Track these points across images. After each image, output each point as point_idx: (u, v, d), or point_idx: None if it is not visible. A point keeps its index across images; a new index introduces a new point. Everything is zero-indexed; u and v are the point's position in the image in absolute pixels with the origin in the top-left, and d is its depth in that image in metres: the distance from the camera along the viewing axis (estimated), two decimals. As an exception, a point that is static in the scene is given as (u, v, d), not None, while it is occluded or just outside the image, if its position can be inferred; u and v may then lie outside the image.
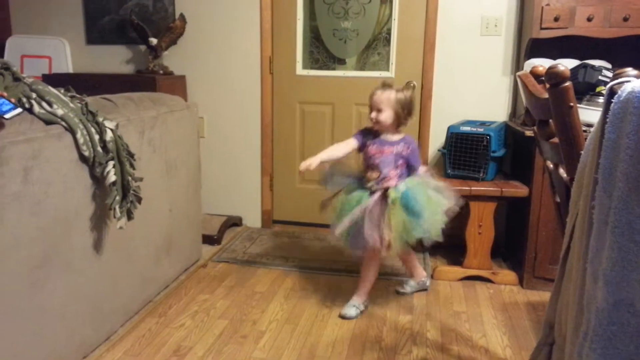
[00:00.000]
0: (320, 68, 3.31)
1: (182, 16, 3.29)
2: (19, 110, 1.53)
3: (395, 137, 2.23)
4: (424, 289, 2.53)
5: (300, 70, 3.31)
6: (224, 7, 3.28)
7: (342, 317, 2.26)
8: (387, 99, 2.15)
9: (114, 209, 1.83)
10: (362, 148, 2.27)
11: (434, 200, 2.19)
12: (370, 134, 2.27)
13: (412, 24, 3.11)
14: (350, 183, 2.28)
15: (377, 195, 2.17)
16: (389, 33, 3.17)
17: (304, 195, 3.38)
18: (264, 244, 3.17)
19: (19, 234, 1.54)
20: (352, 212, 2.14)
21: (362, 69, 3.26)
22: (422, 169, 2.29)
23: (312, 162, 2.18)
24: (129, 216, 1.91)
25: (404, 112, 2.17)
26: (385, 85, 2.20)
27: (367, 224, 2.10)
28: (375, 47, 3.22)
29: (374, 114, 2.18)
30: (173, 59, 3.38)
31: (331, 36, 3.25)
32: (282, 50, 3.30)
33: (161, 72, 3.28)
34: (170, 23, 3.29)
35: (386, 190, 2.17)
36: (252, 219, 3.51)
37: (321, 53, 3.29)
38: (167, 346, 2.03)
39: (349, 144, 2.27)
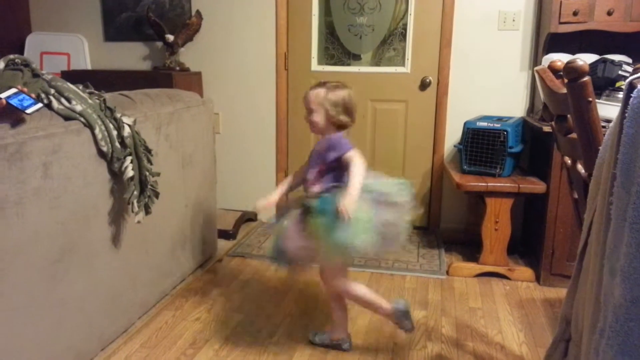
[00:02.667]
0: (335, 64, 3.30)
1: (198, 13, 3.31)
2: (40, 105, 1.55)
3: (324, 138, 1.92)
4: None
5: (315, 66, 3.31)
6: (239, 3, 3.30)
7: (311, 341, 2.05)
8: (316, 99, 1.87)
9: (132, 203, 1.85)
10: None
11: (364, 207, 1.79)
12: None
13: (428, 19, 3.09)
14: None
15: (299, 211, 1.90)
16: (404, 28, 3.15)
17: (319, 191, 3.39)
18: (279, 239, 3.18)
19: (39, 228, 1.57)
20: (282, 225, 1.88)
21: (377, 64, 3.25)
22: (353, 152, 1.85)
23: (270, 199, 1.96)
24: (147, 211, 1.93)
25: (336, 111, 1.86)
26: (320, 84, 1.92)
27: (289, 235, 1.84)
28: (390, 42, 3.20)
29: (306, 115, 1.92)
30: (189, 56, 3.41)
31: (346, 32, 3.25)
32: (297, 46, 3.31)
33: (177, 68, 3.31)
34: (187, 20, 3.31)
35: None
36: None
37: (336, 49, 3.29)
38: (183, 339, 2.06)
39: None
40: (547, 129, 2.40)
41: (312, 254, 1.85)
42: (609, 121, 1.13)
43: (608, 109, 2.16)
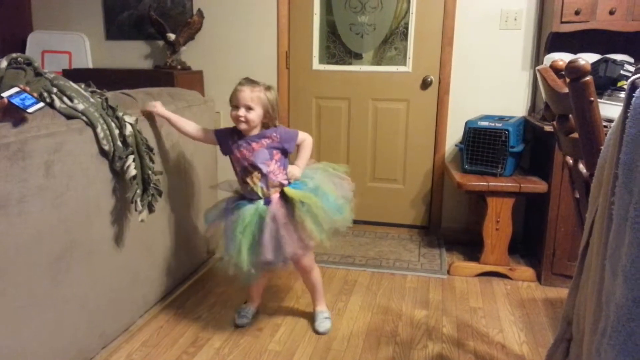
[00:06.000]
0: (336, 63, 3.30)
1: (199, 11, 3.31)
2: (42, 104, 1.55)
3: (258, 131, 1.98)
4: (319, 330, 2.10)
5: (316, 65, 3.31)
6: (241, 2, 3.30)
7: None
8: (258, 97, 1.91)
9: (136, 202, 1.85)
10: (224, 150, 2.05)
11: (328, 178, 2.04)
12: (230, 135, 2.02)
13: (429, 18, 3.08)
14: (233, 204, 2.02)
15: (275, 199, 1.96)
16: (406, 27, 3.15)
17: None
18: (280, 238, 3.18)
19: (41, 226, 1.57)
20: (254, 229, 1.90)
21: (378, 63, 3.25)
22: (303, 135, 2.04)
23: (159, 109, 2.07)
24: (151, 209, 1.93)
25: (272, 112, 1.95)
26: (251, 81, 1.95)
27: (267, 236, 1.87)
28: (392, 41, 3.20)
29: (242, 112, 1.90)
30: (191, 54, 3.41)
31: (348, 31, 3.24)
32: (298, 45, 3.31)
33: (179, 67, 3.31)
34: (188, 18, 3.32)
35: (281, 192, 1.97)
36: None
37: (338, 48, 3.29)
38: (184, 337, 2.06)
39: (202, 130, 2.09)
40: (548, 128, 2.40)
41: (308, 242, 1.94)
42: (610, 121, 1.13)
43: (610, 109, 2.16)
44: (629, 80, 0.84)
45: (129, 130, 1.84)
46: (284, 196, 1.97)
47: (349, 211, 2.03)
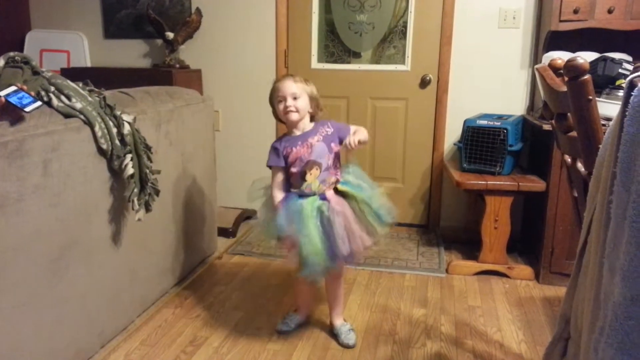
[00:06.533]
0: (335, 61, 3.30)
1: (198, 10, 3.30)
2: (39, 103, 1.55)
3: (312, 126, 1.95)
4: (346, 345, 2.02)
5: (315, 63, 3.31)
6: (239, 1, 3.29)
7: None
8: (302, 86, 1.90)
9: (133, 201, 1.85)
10: (284, 159, 1.94)
11: (370, 186, 2.01)
12: (280, 144, 1.95)
13: (428, 16, 3.08)
14: (289, 203, 1.94)
15: (332, 194, 1.93)
16: (405, 26, 3.15)
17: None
18: (278, 237, 3.18)
19: (39, 225, 1.57)
20: (317, 222, 1.85)
21: (377, 62, 3.25)
22: (354, 128, 1.96)
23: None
24: (148, 208, 1.93)
25: (316, 102, 1.95)
26: (289, 74, 1.92)
27: (338, 229, 1.84)
28: (391, 40, 3.20)
29: (290, 101, 1.87)
30: (189, 53, 3.40)
31: (347, 29, 3.24)
32: (297, 43, 3.30)
33: (177, 65, 3.30)
34: (187, 17, 3.31)
35: (335, 189, 1.95)
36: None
37: (336, 46, 3.29)
38: (183, 336, 2.06)
39: (279, 179, 1.97)
40: (547, 127, 2.40)
41: (370, 237, 1.91)
42: (609, 119, 1.13)
43: (608, 108, 2.16)
44: (627, 78, 0.84)
45: (127, 129, 1.84)
46: (337, 193, 1.95)
47: (390, 223, 1.95)
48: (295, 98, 1.88)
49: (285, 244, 1.93)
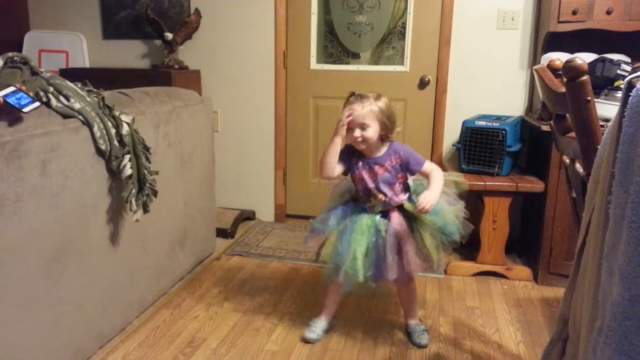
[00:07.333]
0: (334, 62, 3.30)
1: (197, 11, 3.30)
2: (37, 104, 1.55)
3: (383, 151, 1.91)
4: (419, 345, 2.03)
5: (314, 64, 3.31)
6: (238, 1, 3.29)
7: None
8: (371, 111, 1.81)
9: (131, 201, 1.85)
10: (347, 172, 1.97)
11: (449, 200, 1.97)
12: (353, 154, 1.93)
13: (427, 17, 3.08)
14: (342, 212, 1.97)
15: (395, 215, 1.91)
16: (404, 27, 3.15)
17: (317, 190, 3.38)
18: (277, 238, 3.18)
19: (37, 226, 1.56)
20: (370, 239, 1.85)
21: (376, 63, 3.25)
22: (427, 166, 1.92)
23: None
24: (145, 209, 1.93)
25: (390, 122, 1.86)
26: (359, 96, 1.84)
27: (390, 249, 1.84)
28: (390, 41, 3.20)
29: (357, 133, 1.82)
30: (188, 54, 3.40)
31: (346, 30, 3.24)
32: (296, 44, 3.30)
33: (176, 66, 3.30)
34: (186, 18, 3.31)
35: (401, 207, 1.94)
36: (266, 213, 3.52)
37: (335, 47, 3.29)
38: (181, 337, 2.06)
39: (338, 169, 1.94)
40: (545, 128, 2.40)
41: (426, 260, 1.89)
42: (607, 120, 1.13)
43: (606, 109, 2.16)
44: (626, 79, 0.84)
45: (125, 129, 1.83)
46: (402, 211, 1.92)
47: (459, 232, 1.93)
48: (363, 127, 1.82)
49: (314, 240, 1.97)
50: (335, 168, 1.91)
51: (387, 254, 1.84)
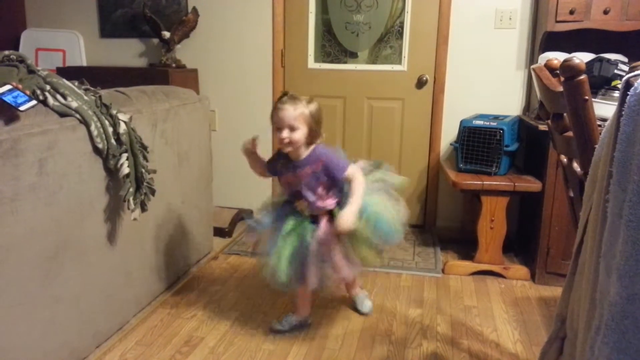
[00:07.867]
0: (332, 61, 3.30)
1: (194, 9, 3.29)
2: (34, 102, 1.54)
3: (304, 155, 1.89)
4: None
5: (312, 63, 3.30)
6: (236, 0, 3.29)
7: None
8: (302, 114, 1.81)
9: (128, 200, 1.84)
10: (273, 172, 2.02)
11: (385, 202, 1.96)
12: (277, 158, 1.98)
13: (425, 17, 3.09)
14: (279, 212, 1.99)
15: (323, 222, 1.90)
16: (401, 26, 3.15)
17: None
18: (275, 237, 3.17)
19: (34, 224, 1.56)
20: (295, 243, 1.87)
21: (374, 62, 3.25)
22: (352, 169, 1.88)
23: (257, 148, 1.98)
24: (143, 208, 1.92)
25: (317, 128, 1.86)
26: (292, 97, 1.83)
27: (313, 256, 1.84)
28: (387, 40, 3.20)
29: (285, 133, 1.81)
30: (185, 53, 3.40)
31: (343, 29, 3.24)
32: (294, 43, 3.30)
33: (174, 65, 3.29)
34: (183, 16, 3.30)
35: (330, 213, 1.91)
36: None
37: (333, 46, 3.28)
38: (178, 337, 2.06)
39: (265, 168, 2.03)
40: (543, 127, 2.40)
41: (354, 266, 1.91)
42: (604, 120, 1.13)
43: (604, 108, 2.17)
44: (624, 78, 0.84)
45: (122, 128, 1.83)
46: (333, 216, 1.89)
47: (400, 236, 1.96)
48: (292, 129, 1.82)
49: (252, 237, 2.06)
50: (264, 172, 2.05)
51: (308, 260, 1.84)
